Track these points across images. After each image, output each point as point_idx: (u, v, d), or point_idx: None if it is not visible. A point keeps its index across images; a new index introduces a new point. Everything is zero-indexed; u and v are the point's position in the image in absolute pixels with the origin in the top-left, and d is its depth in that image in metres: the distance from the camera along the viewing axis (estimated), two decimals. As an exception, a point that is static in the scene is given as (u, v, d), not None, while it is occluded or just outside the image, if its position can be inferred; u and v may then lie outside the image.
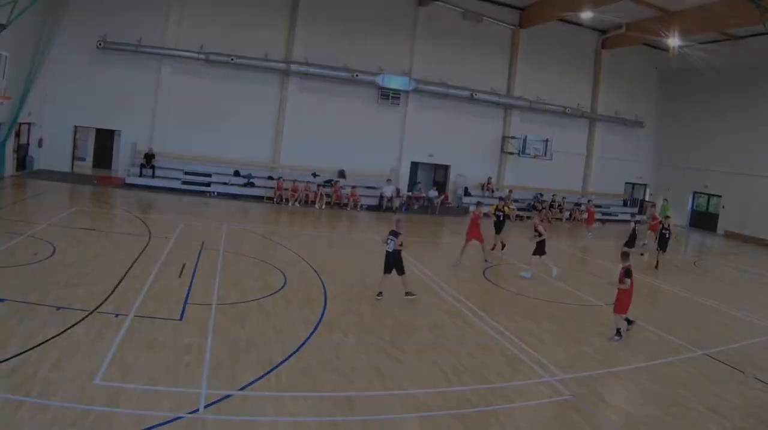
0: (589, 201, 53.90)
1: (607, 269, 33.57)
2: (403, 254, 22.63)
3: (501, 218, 35.06)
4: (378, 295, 22.47)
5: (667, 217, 35.30)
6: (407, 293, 22.68)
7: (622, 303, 20.45)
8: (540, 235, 29.03)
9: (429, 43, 53.61)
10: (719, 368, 18.82)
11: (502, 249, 35.02)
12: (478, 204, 31.61)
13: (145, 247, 26.27)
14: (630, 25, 54.36)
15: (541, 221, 31.65)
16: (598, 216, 55.74)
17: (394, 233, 22.48)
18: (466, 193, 54.82)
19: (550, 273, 29.30)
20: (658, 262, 34.39)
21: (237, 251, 27.84)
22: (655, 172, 65.88)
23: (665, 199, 52.08)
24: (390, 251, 22.39)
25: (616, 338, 20.50)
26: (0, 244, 23.64)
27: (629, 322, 21.16)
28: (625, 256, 20.92)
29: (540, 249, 29.08)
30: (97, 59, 45.75)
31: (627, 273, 20.19)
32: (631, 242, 36.58)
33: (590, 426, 13.80)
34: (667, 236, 34.41)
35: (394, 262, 22.52)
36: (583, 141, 61.51)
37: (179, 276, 22.57)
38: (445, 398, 14.59)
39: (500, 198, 37.40)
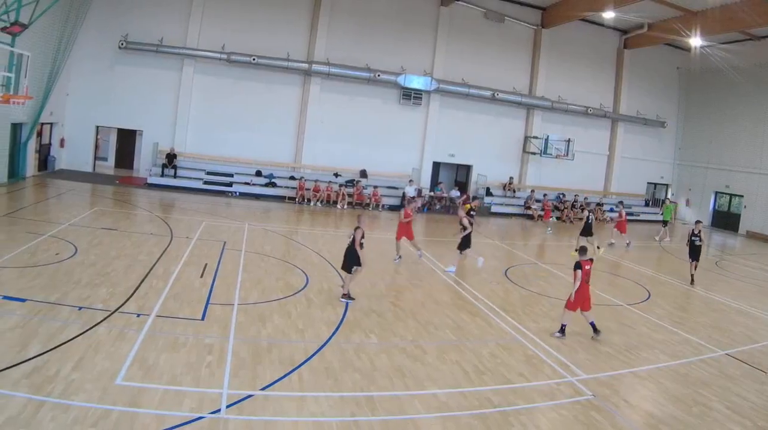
0: (544, 196, 53.54)
1: (626, 268, 33.58)
2: (426, 254, 22.46)
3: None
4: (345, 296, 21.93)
5: (698, 221, 33.32)
6: (344, 295, 21.67)
7: (573, 300, 19.85)
8: (465, 228, 28.37)
9: (451, 43, 53.39)
10: (741, 368, 18.64)
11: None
12: (411, 200, 30.21)
13: (167, 247, 26.27)
14: (652, 25, 53.85)
15: (466, 214, 30.43)
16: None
17: (356, 229, 21.90)
18: (488, 193, 54.54)
19: (476, 264, 28.68)
20: (692, 276, 31.69)
21: (259, 251, 27.63)
22: (677, 172, 65.24)
23: (668, 199, 51.69)
24: (348, 246, 21.93)
25: (557, 334, 20.09)
26: (22, 244, 23.66)
27: (595, 330, 20.22)
28: (583, 250, 20.83)
29: (465, 243, 28.45)
30: (118, 59, 45.92)
31: (577, 266, 19.81)
32: (586, 231, 36.89)
33: (612, 426, 13.68)
34: (698, 243, 31.59)
35: (347, 255, 21.81)
36: (604, 141, 61.02)
37: (201, 276, 22.54)
38: (467, 398, 14.51)
39: (466, 195, 36.98)
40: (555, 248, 38.20)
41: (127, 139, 53.30)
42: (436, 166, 55.98)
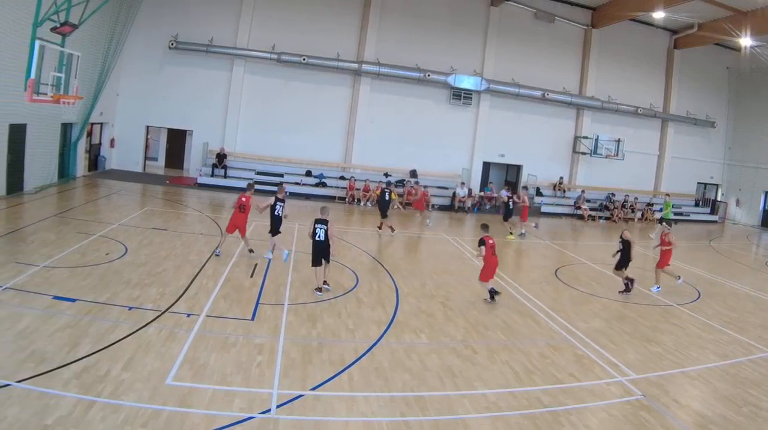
0: (416, 182, 49.11)
1: (676, 268, 33.25)
2: (471, 253, 22.45)
3: (387, 198, 34.84)
4: (318, 289, 21.45)
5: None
6: (324, 282, 21.74)
7: (483, 272, 22.48)
8: (271, 209, 25.93)
9: (501, 43, 52.55)
10: (791, 368, 18.33)
11: (392, 232, 34.35)
12: (249, 186, 28.15)
13: (217, 247, 25.98)
14: (702, 25, 52.47)
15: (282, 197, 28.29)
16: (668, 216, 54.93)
17: (323, 222, 21.58)
18: (538, 193, 53.97)
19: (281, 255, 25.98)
20: (626, 283, 26.94)
21: (308, 251, 27.25)
22: (727, 172, 63.84)
23: (667, 195, 51.05)
24: (321, 240, 21.41)
25: (489, 300, 22.42)
26: (72, 244, 23.75)
27: (495, 292, 22.54)
28: (484, 227, 23.27)
29: (274, 228, 25.95)
30: (168, 59, 46.12)
31: (481, 242, 22.12)
32: (506, 214, 38.67)
33: (661, 426, 13.49)
34: (620, 249, 26.14)
35: (324, 251, 21.60)
36: (654, 141, 59.80)
37: (251, 276, 22.56)
38: (517, 397, 14.40)
39: (387, 183, 36.76)
40: (605, 248, 37.80)
41: (177, 139, 53.32)
42: (487, 166, 55.05)
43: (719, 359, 18.56)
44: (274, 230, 25.59)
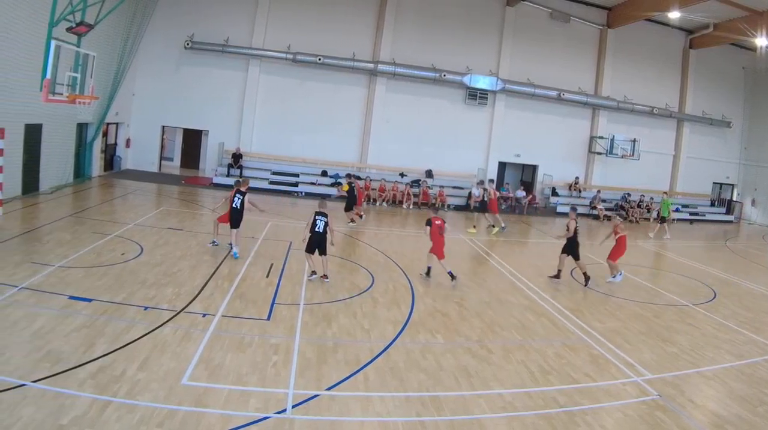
0: (357, 178, 45.31)
1: (692, 268, 33.14)
2: (496, 252, 22.43)
3: (354, 193, 36.11)
4: (312, 274, 22.70)
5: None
6: (324, 276, 22.65)
7: (432, 249, 24.71)
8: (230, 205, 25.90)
9: (516, 43, 52.42)
10: (807, 369, 18.06)
11: (361, 217, 37.19)
12: (239, 183, 28.17)
13: (233, 247, 26.32)
14: (717, 25, 52.15)
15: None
16: (683, 215, 54.52)
17: (324, 214, 22.36)
18: (554, 193, 53.88)
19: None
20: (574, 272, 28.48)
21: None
22: (743, 172, 63.47)
23: (665, 193, 50.84)
24: (320, 232, 22.19)
25: (424, 274, 24.97)
26: (87, 244, 23.75)
27: (452, 277, 24.30)
28: (434, 208, 26.84)
29: (232, 221, 25.58)
30: (184, 59, 46.25)
31: (428, 223, 24.50)
32: (482, 208, 39.13)
33: (677, 426, 13.40)
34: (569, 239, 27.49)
35: (322, 242, 22.44)
36: (670, 141, 59.44)
37: (267, 276, 22.48)
38: (532, 397, 14.31)
39: (358, 177, 37.32)
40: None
41: (192, 140, 53.38)
42: (502, 166, 55.10)
43: (735, 359, 18.49)
44: (233, 222, 25.27)
